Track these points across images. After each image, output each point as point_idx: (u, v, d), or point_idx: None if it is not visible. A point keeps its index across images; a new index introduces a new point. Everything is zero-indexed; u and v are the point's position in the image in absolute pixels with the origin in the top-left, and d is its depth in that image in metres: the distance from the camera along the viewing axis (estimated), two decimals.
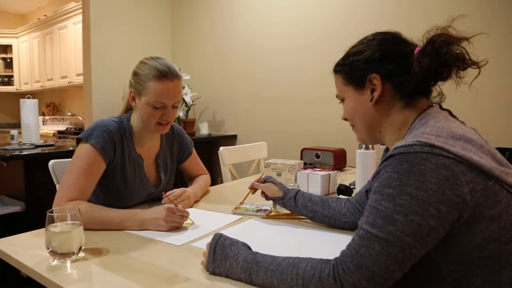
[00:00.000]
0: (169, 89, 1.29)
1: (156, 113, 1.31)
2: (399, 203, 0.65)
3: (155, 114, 1.31)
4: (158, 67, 1.28)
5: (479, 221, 0.66)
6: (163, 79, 1.28)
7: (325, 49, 2.96)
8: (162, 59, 1.33)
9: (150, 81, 1.28)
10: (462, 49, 0.78)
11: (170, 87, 1.30)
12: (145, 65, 1.31)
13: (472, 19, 2.04)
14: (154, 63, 1.30)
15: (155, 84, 1.28)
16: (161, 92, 1.29)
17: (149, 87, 1.28)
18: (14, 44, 5.99)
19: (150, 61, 1.31)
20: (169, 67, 1.30)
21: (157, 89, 1.28)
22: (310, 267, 0.71)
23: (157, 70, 1.28)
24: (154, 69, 1.28)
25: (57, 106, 6.02)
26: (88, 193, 1.25)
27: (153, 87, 1.28)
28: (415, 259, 0.66)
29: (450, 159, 0.65)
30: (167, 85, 1.29)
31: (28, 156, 2.27)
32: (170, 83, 1.29)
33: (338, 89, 0.94)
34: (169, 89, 1.29)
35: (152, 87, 1.28)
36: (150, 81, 1.28)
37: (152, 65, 1.29)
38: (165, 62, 1.32)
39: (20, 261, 0.93)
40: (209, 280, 0.82)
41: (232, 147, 2.34)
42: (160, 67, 1.29)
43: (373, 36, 0.88)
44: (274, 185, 1.29)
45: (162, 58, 1.34)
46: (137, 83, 1.32)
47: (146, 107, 1.31)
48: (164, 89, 1.29)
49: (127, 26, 3.68)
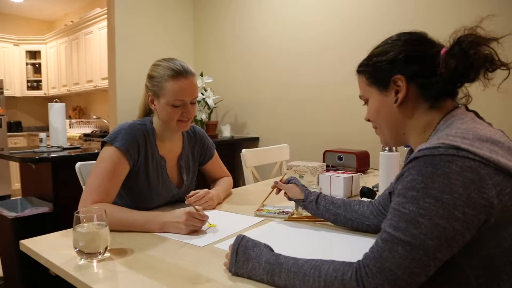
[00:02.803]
0: (186, 86, 1.34)
1: (176, 112, 1.35)
2: (424, 206, 0.64)
3: (176, 112, 1.35)
4: (172, 67, 1.33)
5: (507, 225, 0.64)
6: (178, 77, 1.32)
7: (346, 49, 2.93)
8: (174, 59, 1.37)
9: (166, 81, 1.32)
10: (491, 50, 0.76)
11: (187, 84, 1.34)
12: (159, 67, 1.35)
13: (502, 19, 2.00)
14: (167, 64, 1.34)
15: (172, 84, 1.32)
16: (179, 90, 1.32)
17: (166, 87, 1.32)
18: (42, 50, 6.18)
19: (163, 62, 1.36)
20: (182, 65, 1.35)
21: (174, 88, 1.32)
22: (332, 270, 0.70)
23: (172, 70, 1.32)
24: (169, 69, 1.32)
25: (83, 110, 6.17)
26: (113, 195, 1.28)
27: (170, 87, 1.32)
28: (440, 263, 0.65)
29: (477, 161, 0.63)
30: (184, 83, 1.33)
31: (56, 159, 2.33)
32: (186, 81, 1.34)
33: (361, 90, 0.93)
34: (186, 86, 1.34)
35: (169, 87, 1.32)
36: (166, 81, 1.32)
37: (166, 65, 1.34)
38: (177, 61, 1.36)
39: (49, 260, 0.96)
40: (232, 281, 0.83)
41: (254, 149, 2.35)
42: (174, 66, 1.33)
43: (398, 37, 0.87)
44: (296, 187, 1.29)
45: (174, 59, 1.38)
46: (154, 86, 1.35)
47: (166, 107, 1.34)
48: (181, 87, 1.33)
49: (151, 31, 3.74)
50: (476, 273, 0.67)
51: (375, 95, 0.89)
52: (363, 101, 0.95)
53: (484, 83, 0.78)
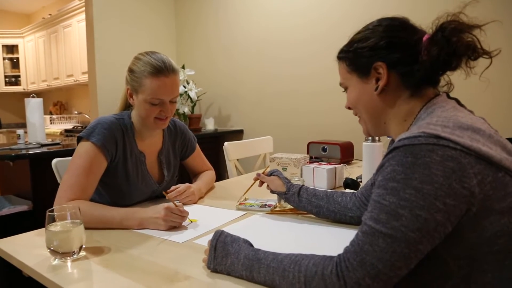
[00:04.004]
0: (165, 85, 1.27)
1: (154, 110, 1.29)
2: (404, 197, 0.62)
3: (153, 110, 1.29)
4: (153, 63, 1.25)
5: (489, 214, 0.63)
6: (159, 75, 1.25)
7: (330, 40, 2.92)
8: (157, 54, 1.30)
9: (146, 78, 1.25)
10: (473, 38, 0.74)
11: (167, 83, 1.27)
12: (140, 61, 1.28)
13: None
14: (148, 59, 1.27)
15: (151, 81, 1.25)
16: (158, 89, 1.26)
17: (145, 84, 1.26)
18: (20, 44, 6.02)
19: (145, 56, 1.28)
20: (165, 61, 1.27)
21: (153, 86, 1.25)
22: (312, 264, 0.68)
23: (152, 67, 1.25)
24: (149, 65, 1.25)
25: (64, 105, 6.05)
26: (90, 192, 1.24)
27: (149, 84, 1.25)
28: (421, 255, 0.63)
29: (457, 150, 0.62)
30: (163, 81, 1.26)
31: (33, 155, 2.28)
32: (167, 79, 1.27)
33: (341, 77, 0.91)
34: (165, 85, 1.27)
35: (148, 84, 1.25)
36: (146, 78, 1.25)
37: (147, 61, 1.26)
38: (160, 56, 1.28)
39: (21, 261, 0.92)
40: (210, 278, 0.81)
41: (237, 142, 2.32)
42: (155, 62, 1.25)
43: (379, 22, 0.84)
44: (278, 179, 1.27)
45: (157, 53, 1.31)
46: (133, 80, 1.29)
47: (144, 104, 1.29)
48: (160, 86, 1.26)
49: (131, 23, 3.67)
50: (458, 264, 0.65)
51: (355, 83, 0.87)
52: (343, 88, 0.93)
53: (466, 71, 0.77)
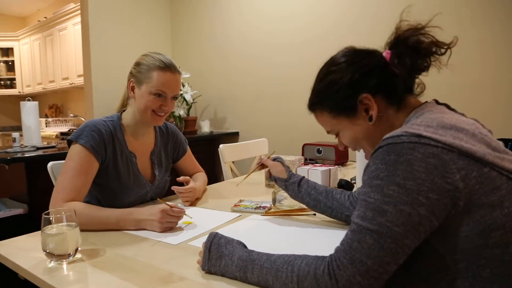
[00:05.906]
0: (171, 80, 1.35)
1: (155, 102, 1.35)
2: (388, 193, 0.64)
3: (155, 102, 1.35)
4: (163, 59, 1.35)
5: (478, 208, 0.64)
6: (166, 70, 1.34)
7: (325, 42, 2.93)
8: (164, 55, 1.39)
9: (154, 70, 1.33)
10: (429, 35, 0.79)
11: (172, 79, 1.36)
12: (149, 57, 1.37)
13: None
14: (158, 56, 1.36)
15: (159, 73, 1.33)
16: (164, 82, 1.34)
17: (152, 75, 1.33)
18: (15, 47, 6.00)
19: (154, 54, 1.38)
20: (172, 61, 1.38)
21: (160, 78, 1.33)
22: (305, 264, 0.70)
23: (162, 62, 1.34)
24: (159, 60, 1.35)
25: (60, 108, 6.03)
26: (84, 193, 1.25)
27: (156, 76, 1.33)
28: (409, 250, 0.65)
29: (439, 148, 0.64)
30: (169, 76, 1.35)
31: (29, 159, 2.27)
32: (172, 75, 1.36)
33: (327, 126, 0.92)
34: (171, 80, 1.35)
35: (156, 76, 1.33)
36: (154, 70, 1.33)
37: (157, 57, 1.36)
38: (168, 57, 1.39)
39: (17, 264, 0.93)
40: (205, 279, 0.81)
41: (232, 144, 2.33)
42: (164, 59, 1.36)
43: (336, 61, 0.87)
44: (281, 165, 1.28)
45: (164, 54, 1.40)
46: (139, 72, 1.36)
47: (147, 95, 1.34)
48: (167, 79, 1.34)
49: (126, 26, 3.67)
50: (455, 258, 0.66)
51: (346, 124, 0.88)
52: (333, 135, 0.94)
53: (437, 67, 0.81)
